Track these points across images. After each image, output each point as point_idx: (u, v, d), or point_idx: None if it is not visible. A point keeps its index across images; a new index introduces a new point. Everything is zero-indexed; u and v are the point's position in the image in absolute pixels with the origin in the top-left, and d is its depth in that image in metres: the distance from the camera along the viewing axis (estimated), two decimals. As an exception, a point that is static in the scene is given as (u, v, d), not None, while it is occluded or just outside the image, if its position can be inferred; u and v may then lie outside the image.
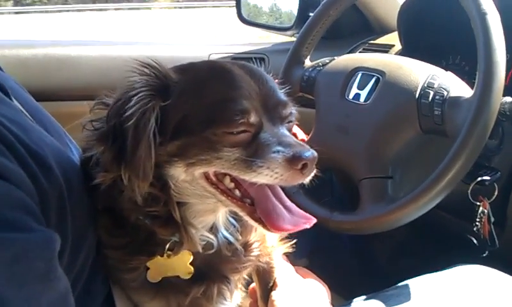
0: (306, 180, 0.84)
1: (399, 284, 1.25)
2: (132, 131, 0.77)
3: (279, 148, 0.81)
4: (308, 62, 1.55)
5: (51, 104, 1.88)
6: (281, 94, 0.91)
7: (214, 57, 2.22)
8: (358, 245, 2.04)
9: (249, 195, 0.86)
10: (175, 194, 0.85)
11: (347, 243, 2.03)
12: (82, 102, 2.01)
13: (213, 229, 0.92)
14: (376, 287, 1.27)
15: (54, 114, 1.06)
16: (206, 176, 0.85)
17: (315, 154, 0.82)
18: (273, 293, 0.99)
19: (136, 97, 0.79)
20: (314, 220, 0.87)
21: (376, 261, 2.10)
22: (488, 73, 1.07)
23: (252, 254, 0.99)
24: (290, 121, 0.91)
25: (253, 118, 0.82)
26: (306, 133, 1.46)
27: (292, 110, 0.91)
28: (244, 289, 1.10)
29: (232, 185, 0.86)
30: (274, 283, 1.02)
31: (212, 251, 0.92)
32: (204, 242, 0.90)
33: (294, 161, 0.80)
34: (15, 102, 0.86)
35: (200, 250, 0.90)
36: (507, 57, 1.44)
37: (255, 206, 0.86)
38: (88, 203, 0.88)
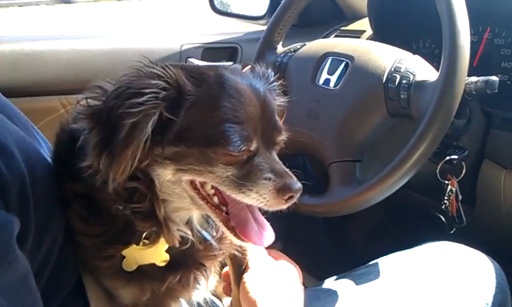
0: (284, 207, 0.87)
1: (370, 263, 1.29)
2: (128, 129, 0.77)
3: (270, 175, 0.85)
4: (280, 48, 1.56)
5: (21, 100, 1.85)
6: (278, 119, 0.93)
7: (186, 47, 2.20)
8: (333, 228, 2.06)
9: (226, 203, 0.89)
10: (159, 192, 0.87)
11: (322, 226, 2.06)
12: (52, 97, 1.99)
13: (188, 223, 0.95)
14: (350, 268, 1.30)
15: (24, 110, 1.04)
16: (191, 181, 0.87)
17: (301, 186, 0.85)
18: (245, 275, 1.02)
19: (145, 98, 0.78)
20: (272, 240, 0.91)
21: (350, 242, 2.13)
22: (452, 56, 1.09)
23: (227, 242, 1.01)
24: (279, 146, 0.93)
25: (253, 146, 0.85)
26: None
27: (284, 136, 0.93)
28: (217, 274, 1.12)
29: (212, 191, 0.88)
30: (247, 265, 1.04)
31: (187, 246, 0.94)
32: (180, 237, 0.92)
33: (283, 191, 0.84)
34: None
35: (177, 245, 0.92)
36: (474, 38, 1.48)
37: (229, 214, 0.89)
38: (56, 190, 0.88)
